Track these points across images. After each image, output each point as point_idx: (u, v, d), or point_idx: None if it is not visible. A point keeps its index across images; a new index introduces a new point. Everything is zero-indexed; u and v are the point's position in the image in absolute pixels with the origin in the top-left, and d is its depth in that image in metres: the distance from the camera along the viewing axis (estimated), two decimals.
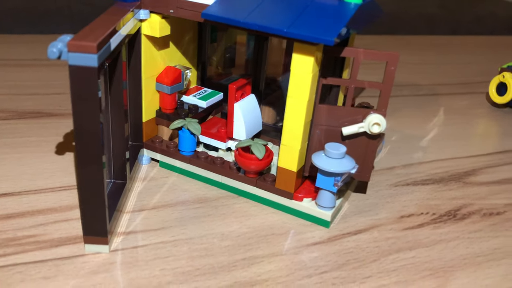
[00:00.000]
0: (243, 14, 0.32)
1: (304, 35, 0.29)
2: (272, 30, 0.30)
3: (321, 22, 0.30)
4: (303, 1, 0.32)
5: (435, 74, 0.73)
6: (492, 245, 0.36)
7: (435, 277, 0.32)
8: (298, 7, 0.32)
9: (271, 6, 0.32)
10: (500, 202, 0.41)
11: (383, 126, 0.34)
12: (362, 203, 0.39)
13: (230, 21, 0.32)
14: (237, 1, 0.33)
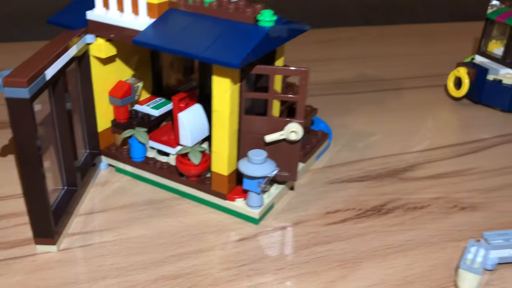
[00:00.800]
0: (167, 41, 0.36)
1: (214, 60, 0.33)
2: (189, 55, 0.34)
3: (230, 47, 0.34)
4: (220, 27, 0.36)
5: (402, 67, 0.75)
6: (406, 237, 0.39)
7: (342, 268, 0.36)
8: (215, 34, 0.35)
9: (193, 33, 0.36)
10: (427, 197, 0.45)
11: (299, 133, 0.38)
12: (295, 200, 0.43)
13: (156, 47, 0.36)
14: (164, 29, 0.37)
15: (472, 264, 0.34)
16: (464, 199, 0.44)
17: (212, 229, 0.39)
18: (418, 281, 0.35)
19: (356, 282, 0.34)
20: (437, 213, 0.42)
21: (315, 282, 0.34)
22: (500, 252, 0.36)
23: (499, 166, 0.50)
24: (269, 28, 0.35)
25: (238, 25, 0.36)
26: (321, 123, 0.55)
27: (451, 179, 0.47)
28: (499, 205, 0.44)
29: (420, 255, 0.37)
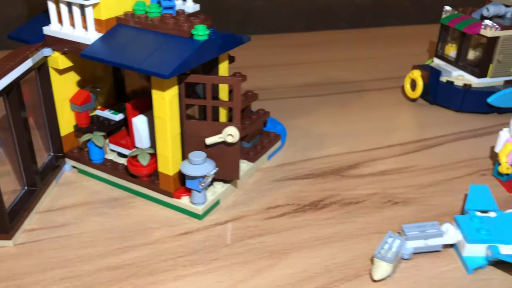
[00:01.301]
0: (110, 54, 0.39)
1: (148, 71, 0.37)
2: (128, 67, 0.38)
3: (164, 59, 0.37)
4: (159, 41, 0.39)
5: (366, 70, 0.78)
6: (335, 230, 0.43)
7: (271, 258, 0.39)
8: (153, 47, 0.39)
9: (134, 46, 0.40)
10: (364, 193, 0.48)
11: (236, 136, 0.41)
12: (240, 198, 0.47)
13: (100, 60, 0.39)
14: (109, 43, 0.40)
15: (386, 253, 0.37)
16: (398, 195, 0.48)
17: (158, 225, 0.43)
18: (337, 269, 0.38)
19: (281, 271, 0.38)
20: (371, 207, 0.46)
21: (243, 271, 0.38)
22: (415, 242, 0.39)
23: (439, 163, 0.53)
24: (202, 41, 0.39)
25: (175, 38, 0.40)
26: (278, 125, 0.59)
27: (391, 176, 0.51)
28: (430, 200, 0.47)
29: (345, 246, 0.41)
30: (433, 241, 0.39)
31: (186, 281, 0.37)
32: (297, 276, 0.37)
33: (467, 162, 0.54)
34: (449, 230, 0.40)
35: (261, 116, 0.53)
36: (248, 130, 0.50)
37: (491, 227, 0.39)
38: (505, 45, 0.62)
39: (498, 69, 0.63)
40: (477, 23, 0.63)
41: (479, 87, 0.64)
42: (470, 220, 0.40)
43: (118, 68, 0.53)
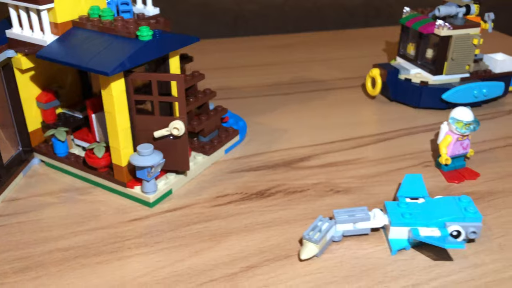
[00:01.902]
0: (62, 55, 0.43)
1: (92, 69, 0.40)
2: (77, 66, 0.42)
3: (108, 58, 0.41)
4: (107, 42, 0.43)
5: (336, 69, 0.81)
6: (276, 215, 0.45)
7: (211, 241, 0.42)
8: (101, 47, 0.42)
9: (84, 47, 0.43)
10: (310, 182, 0.51)
11: (181, 129, 0.45)
12: (193, 187, 0.50)
13: (53, 60, 0.43)
14: (63, 44, 0.44)
15: (313, 235, 0.40)
16: (341, 184, 0.50)
17: (112, 212, 0.46)
18: (270, 251, 0.41)
19: (218, 252, 0.41)
20: (313, 196, 0.49)
21: (183, 252, 0.41)
22: (344, 226, 0.42)
23: (387, 156, 0.56)
24: (146, 41, 0.42)
25: (121, 39, 0.43)
26: (240, 121, 0.62)
27: (338, 168, 0.53)
28: (371, 189, 0.50)
29: (282, 230, 0.44)
30: (361, 225, 0.42)
31: (129, 261, 0.40)
32: (231, 256, 0.41)
33: (414, 154, 0.56)
34: (377, 214, 0.43)
35: (218, 112, 0.56)
36: (204, 125, 0.54)
37: (415, 211, 0.42)
38: (457, 43, 0.64)
39: (452, 67, 0.66)
40: (431, 23, 0.65)
41: (435, 84, 0.67)
42: (397, 206, 0.43)
43: None
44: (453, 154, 0.52)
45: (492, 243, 0.43)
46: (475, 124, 0.51)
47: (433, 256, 0.41)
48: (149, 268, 0.39)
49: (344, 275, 0.39)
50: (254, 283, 0.38)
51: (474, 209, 0.41)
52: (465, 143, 0.52)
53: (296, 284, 0.38)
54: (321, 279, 0.38)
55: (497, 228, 0.44)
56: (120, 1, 0.51)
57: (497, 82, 0.68)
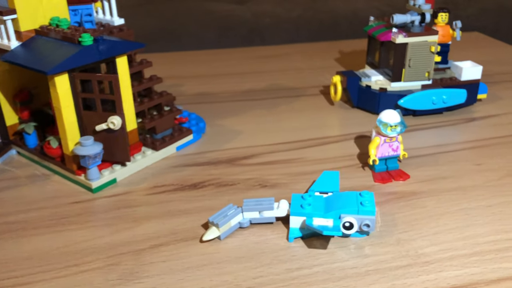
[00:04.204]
0: (19, 58, 0.50)
1: (37, 69, 0.47)
2: (28, 68, 0.48)
3: (51, 60, 0.47)
4: (56, 47, 0.50)
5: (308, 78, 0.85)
6: (200, 204, 0.50)
7: (133, 222, 0.47)
8: (50, 51, 0.49)
9: (38, 51, 0.50)
10: (242, 177, 0.54)
11: (117, 124, 0.50)
12: (136, 178, 0.55)
13: (12, 62, 0.50)
14: (23, 50, 0.51)
15: (217, 219, 0.44)
16: (271, 180, 0.54)
17: (60, 195, 0.52)
18: (182, 233, 0.46)
19: (136, 232, 0.46)
20: (240, 189, 0.52)
21: (105, 231, 0.46)
22: (251, 214, 0.45)
23: (326, 157, 0.59)
24: (86, 46, 0.48)
25: (68, 44, 0.50)
26: (201, 122, 0.67)
27: (274, 166, 0.57)
28: (296, 185, 0.53)
29: (200, 216, 0.48)
30: (266, 213, 0.46)
31: (58, 235, 0.46)
32: (145, 236, 0.45)
33: (354, 156, 0.59)
34: (281, 205, 0.46)
35: (172, 113, 0.61)
36: (156, 123, 0.59)
37: (316, 203, 0.45)
38: (414, 51, 0.66)
39: (411, 74, 0.68)
40: (388, 31, 0.67)
41: (394, 91, 0.68)
42: (301, 198, 0.46)
43: None
44: (382, 156, 0.54)
45: (392, 237, 0.45)
46: (401, 127, 0.53)
47: (329, 246, 0.44)
48: (73, 241, 0.45)
49: (237, 256, 0.43)
50: (155, 258, 0.43)
51: (370, 203, 0.44)
52: (395, 145, 0.54)
53: (191, 260, 0.42)
54: (214, 258, 0.42)
55: (403, 225, 0.46)
56: (85, 12, 0.59)
57: (458, 90, 0.69)
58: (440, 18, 0.72)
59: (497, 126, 0.66)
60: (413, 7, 0.69)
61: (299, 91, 0.80)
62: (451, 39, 0.73)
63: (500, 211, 0.48)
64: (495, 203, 0.49)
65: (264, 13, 1.26)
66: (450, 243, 0.43)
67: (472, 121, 0.68)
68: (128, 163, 0.56)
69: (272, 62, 0.95)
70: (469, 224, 0.46)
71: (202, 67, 0.93)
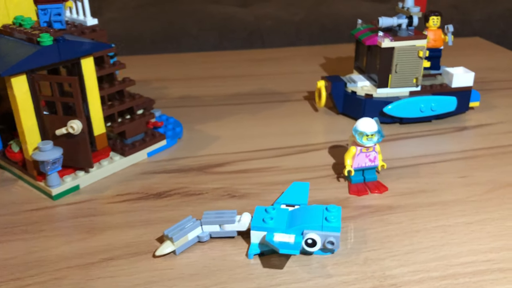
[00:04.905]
0: None
1: None
2: None
3: (8, 61, 0.45)
4: (16, 46, 0.48)
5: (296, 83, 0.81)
6: (162, 215, 0.47)
7: (89, 233, 0.45)
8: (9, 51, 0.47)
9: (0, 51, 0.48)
10: (211, 187, 0.52)
11: (77, 128, 0.48)
12: (100, 184, 0.53)
13: None
14: None
15: (172, 233, 0.41)
16: (241, 190, 0.51)
17: (20, 201, 0.50)
18: (136, 245, 0.43)
19: (88, 243, 0.43)
20: (207, 199, 0.50)
21: (58, 241, 0.44)
22: (210, 227, 0.43)
23: (303, 165, 0.56)
24: (45, 46, 0.46)
25: (27, 44, 0.47)
26: (178, 127, 0.64)
27: (247, 174, 0.54)
28: (267, 196, 0.50)
29: (160, 228, 0.45)
30: (227, 227, 0.43)
31: (8, 245, 0.44)
32: (97, 248, 0.43)
33: (333, 166, 0.56)
34: (244, 218, 0.43)
35: (143, 117, 0.59)
36: (125, 127, 0.57)
37: (279, 217, 0.42)
38: (401, 55, 0.63)
39: (397, 80, 0.64)
40: (375, 34, 0.64)
41: (380, 97, 0.65)
42: (264, 211, 0.43)
43: None
44: (359, 166, 0.51)
45: (360, 256, 0.41)
46: (378, 136, 0.50)
47: (291, 263, 0.41)
48: (21, 252, 0.43)
49: (191, 273, 0.40)
50: (104, 272, 0.40)
51: (336, 219, 0.41)
52: (372, 155, 0.51)
53: (141, 277, 0.39)
54: (166, 275, 0.40)
55: (373, 242, 0.43)
56: (54, 12, 0.57)
57: (448, 97, 0.65)
58: (431, 22, 0.69)
59: (488, 136, 0.63)
60: (401, 9, 0.66)
61: (287, 95, 0.77)
62: (443, 43, 0.70)
63: (480, 229, 0.45)
64: (476, 220, 0.46)
65: (266, 16, 1.23)
66: (422, 264, 0.40)
67: (462, 130, 0.64)
68: (93, 169, 0.54)
69: (267, 66, 0.92)
70: (444, 243, 0.43)
71: (194, 69, 0.91)
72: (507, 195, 0.49)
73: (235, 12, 1.23)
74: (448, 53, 0.83)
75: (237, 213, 0.44)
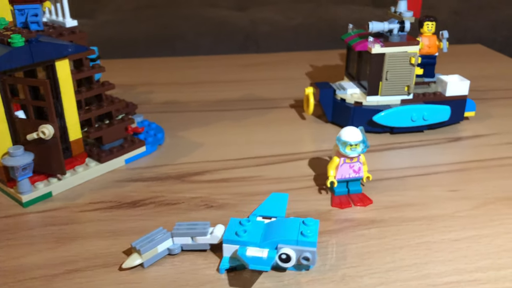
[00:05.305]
0: None
1: None
2: None
3: None
4: None
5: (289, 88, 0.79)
6: (134, 225, 0.45)
7: (57, 242, 0.43)
8: None
9: None
10: (188, 196, 0.50)
11: (49, 133, 0.46)
12: (73, 192, 0.51)
13: None
14: None
15: (140, 245, 0.39)
16: (218, 200, 0.49)
17: None
18: (103, 257, 0.41)
19: (55, 253, 0.41)
20: (183, 209, 0.48)
21: (24, 250, 0.42)
22: (182, 239, 0.41)
23: (286, 176, 0.53)
24: (15, 48, 0.45)
25: None
26: (160, 133, 0.62)
27: (228, 184, 0.52)
28: (245, 207, 0.48)
29: (130, 239, 0.43)
30: (200, 239, 0.41)
31: None
32: (64, 259, 0.41)
33: (317, 176, 0.53)
34: (216, 230, 0.41)
35: (122, 122, 0.57)
36: (102, 133, 0.55)
37: (254, 230, 0.40)
38: (391, 62, 0.61)
39: (388, 87, 0.62)
40: (365, 39, 0.62)
41: (370, 105, 0.63)
42: (238, 223, 0.41)
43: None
44: (342, 178, 0.49)
45: (337, 273, 0.39)
46: (363, 146, 0.47)
47: (263, 279, 0.38)
48: None
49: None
50: (68, 285, 0.38)
51: (312, 233, 0.38)
52: (356, 166, 0.48)
53: None
54: None
55: (354, 258, 0.41)
56: (31, 13, 0.55)
57: (441, 106, 0.63)
58: (426, 27, 0.67)
59: (482, 147, 0.60)
60: (393, 14, 0.64)
61: (276, 102, 0.75)
62: (437, 50, 0.68)
63: (468, 246, 0.42)
64: (463, 237, 0.43)
65: (263, 21, 1.22)
66: (403, 283, 0.38)
67: (455, 141, 0.62)
68: (67, 175, 0.52)
69: (260, 71, 0.90)
70: (428, 261, 0.40)
71: (184, 74, 0.89)
72: (497, 211, 0.47)
73: (232, 16, 1.21)
74: (447, 60, 0.81)
75: (212, 225, 0.43)
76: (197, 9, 1.23)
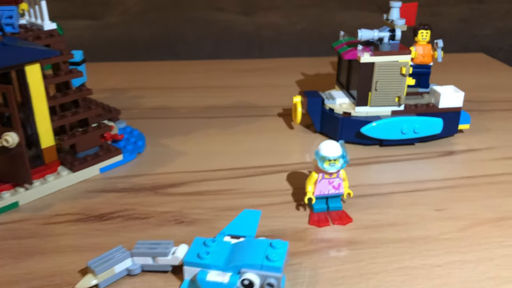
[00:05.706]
0: None
1: None
2: None
3: None
4: None
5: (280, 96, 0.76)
6: (96, 241, 0.43)
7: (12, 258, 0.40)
8: None
9: None
10: (160, 210, 0.47)
11: (12, 141, 0.44)
12: (43, 202, 0.48)
13: None
14: None
15: (96, 263, 0.37)
16: (190, 215, 0.47)
17: None
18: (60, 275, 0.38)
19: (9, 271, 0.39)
20: (151, 224, 0.45)
21: None
22: (142, 259, 0.38)
23: (264, 189, 0.51)
24: None
25: None
26: (140, 140, 0.60)
27: (203, 197, 0.50)
28: (218, 223, 0.45)
29: (90, 256, 0.40)
30: (160, 260, 0.38)
31: None
32: (18, 277, 0.39)
33: (297, 191, 0.51)
34: (179, 251, 0.38)
35: (98, 129, 0.55)
36: (76, 140, 0.53)
37: (218, 251, 0.37)
38: (381, 72, 0.58)
39: (378, 98, 0.59)
40: (354, 48, 0.59)
41: (359, 116, 0.60)
42: (202, 243, 0.38)
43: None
44: (321, 194, 0.46)
45: None
46: (342, 162, 0.45)
47: None
48: None
49: None
50: None
51: (279, 257, 0.36)
52: (336, 182, 0.46)
53: None
54: None
55: (325, 284, 0.38)
56: (5, 14, 0.53)
57: (433, 118, 0.60)
58: (420, 36, 0.64)
59: (475, 162, 0.57)
60: (386, 22, 0.61)
61: (266, 110, 0.73)
62: (432, 59, 0.65)
63: (449, 273, 0.39)
64: (445, 262, 0.40)
65: (268, 25, 1.19)
66: None
67: (447, 156, 0.59)
68: (36, 185, 0.50)
69: (258, 77, 0.88)
70: None
71: (179, 78, 0.87)
72: (485, 233, 0.44)
73: (236, 20, 1.19)
74: (446, 68, 0.78)
75: (179, 243, 0.40)
76: (203, 12, 1.21)
